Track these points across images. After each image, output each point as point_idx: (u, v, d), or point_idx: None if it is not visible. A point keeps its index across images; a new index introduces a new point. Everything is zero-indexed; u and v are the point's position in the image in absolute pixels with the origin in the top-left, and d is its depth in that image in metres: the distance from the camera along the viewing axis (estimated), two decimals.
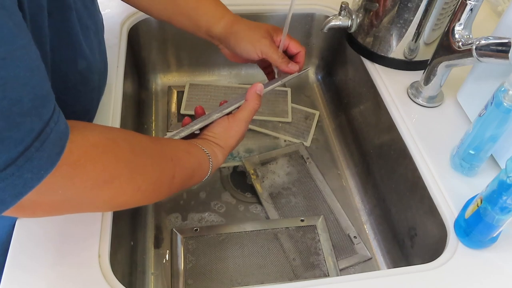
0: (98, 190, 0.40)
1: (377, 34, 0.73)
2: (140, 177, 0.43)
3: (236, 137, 0.57)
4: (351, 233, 0.72)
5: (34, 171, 0.32)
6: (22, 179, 0.32)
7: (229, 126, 0.57)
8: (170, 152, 0.49)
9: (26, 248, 0.48)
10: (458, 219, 0.55)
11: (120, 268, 0.54)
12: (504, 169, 0.45)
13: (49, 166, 0.34)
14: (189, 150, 0.52)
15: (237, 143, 0.58)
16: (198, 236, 0.67)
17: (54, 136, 0.34)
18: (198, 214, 0.72)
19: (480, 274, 0.51)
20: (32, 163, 0.32)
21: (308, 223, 0.71)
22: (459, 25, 0.60)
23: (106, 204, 0.44)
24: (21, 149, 0.31)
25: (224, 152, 0.56)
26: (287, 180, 0.78)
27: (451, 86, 0.70)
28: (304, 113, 0.90)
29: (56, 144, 0.34)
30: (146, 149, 0.46)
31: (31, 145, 0.32)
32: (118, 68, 0.70)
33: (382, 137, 0.74)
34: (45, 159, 0.33)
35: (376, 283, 0.49)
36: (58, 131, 0.34)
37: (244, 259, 0.66)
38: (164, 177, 0.47)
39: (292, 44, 0.65)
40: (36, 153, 0.32)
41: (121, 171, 0.41)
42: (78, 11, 0.47)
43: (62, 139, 0.35)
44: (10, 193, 0.32)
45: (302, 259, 0.67)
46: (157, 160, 0.46)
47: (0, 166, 0.30)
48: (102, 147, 0.40)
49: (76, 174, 0.37)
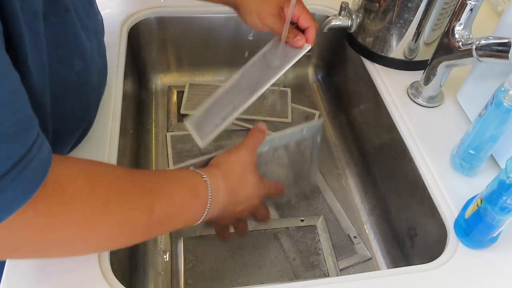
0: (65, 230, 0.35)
1: (377, 34, 0.73)
2: (102, 218, 0.37)
3: (238, 164, 0.52)
4: (351, 233, 0.72)
5: (5, 202, 0.30)
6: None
7: (229, 152, 0.53)
8: (149, 182, 0.42)
9: None
10: (458, 219, 0.55)
11: (120, 268, 0.54)
12: (504, 169, 0.45)
13: (23, 199, 0.31)
14: (178, 176, 0.46)
15: (241, 171, 0.52)
16: (198, 236, 0.67)
17: (35, 164, 0.31)
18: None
19: (480, 274, 0.51)
20: (5, 193, 0.29)
21: (308, 223, 0.71)
22: (459, 25, 0.60)
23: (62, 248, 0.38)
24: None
25: (224, 176, 0.50)
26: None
27: (451, 86, 0.70)
28: (304, 113, 0.90)
29: (36, 172, 0.31)
30: (112, 183, 0.39)
31: (7, 174, 0.29)
32: (118, 68, 0.70)
33: (382, 137, 0.74)
34: (20, 190, 0.30)
35: (376, 283, 0.49)
36: (40, 159, 0.32)
37: (244, 259, 0.66)
38: (137, 215, 0.40)
39: (303, 16, 0.61)
40: (10, 183, 0.29)
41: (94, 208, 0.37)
42: (77, 12, 0.47)
43: (44, 166, 0.32)
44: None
45: (302, 259, 0.67)
46: (125, 195, 0.39)
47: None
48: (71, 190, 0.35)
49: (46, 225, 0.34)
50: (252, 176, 0.53)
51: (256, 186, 0.54)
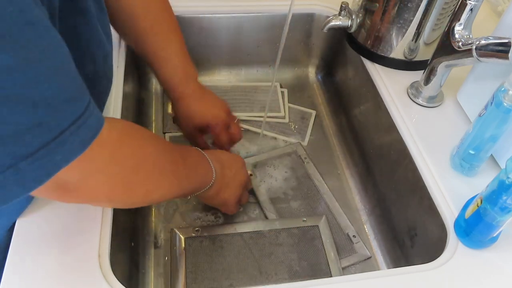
0: (134, 173, 0.43)
1: (377, 34, 0.73)
2: (161, 157, 0.48)
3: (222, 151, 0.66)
4: (350, 232, 0.71)
5: (64, 153, 0.34)
6: (53, 160, 0.33)
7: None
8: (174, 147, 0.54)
9: (26, 249, 0.48)
10: (458, 219, 0.55)
11: (120, 268, 0.54)
12: (504, 169, 0.45)
13: (79, 151, 0.35)
14: (189, 148, 0.59)
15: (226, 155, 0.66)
16: (198, 236, 0.67)
17: (91, 120, 0.35)
18: (198, 214, 0.72)
19: (480, 274, 0.51)
20: (64, 146, 0.33)
21: (310, 223, 0.70)
22: (459, 25, 0.60)
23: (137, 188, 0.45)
24: (56, 133, 0.33)
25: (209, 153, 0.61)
26: (285, 180, 0.78)
27: (451, 86, 0.70)
28: (301, 112, 0.90)
29: (91, 128, 0.36)
30: (153, 135, 0.51)
31: (67, 129, 0.33)
32: (118, 68, 0.70)
33: (382, 137, 0.74)
34: (77, 143, 0.35)
35: (376, 283, 0.49)
36: (95, 115, 0.36)
37: (245, 260, 0.66)
38: (177, 157, 0.51)
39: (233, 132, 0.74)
40: (70, 137, 0.34)
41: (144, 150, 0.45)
42: (92, 15, 0.47)
43: (98, 122, 0.37)
44: (42, 172, 0.33)
45: (304, 260, 0.67)
46: (165, 142, 0.52)
47: (35, 148, 0.32)
48: (125, 130, 0.43)
49: (114, 154, 0.40)
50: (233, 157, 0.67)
51: (240, 165, 0.67)
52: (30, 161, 0.32)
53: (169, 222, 0.71)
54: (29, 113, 0.31)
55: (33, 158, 0.32)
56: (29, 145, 0.31)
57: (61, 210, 0.52)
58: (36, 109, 0.31)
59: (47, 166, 0.33)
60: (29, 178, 0.33)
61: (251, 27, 0.88)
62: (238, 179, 0.65)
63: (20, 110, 0.30)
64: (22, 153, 0.31)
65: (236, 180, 0.65)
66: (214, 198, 0.63)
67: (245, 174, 0.67)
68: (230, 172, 0.63)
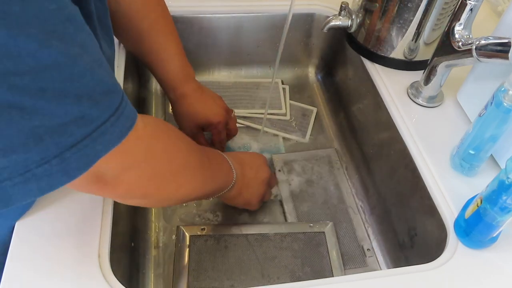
0: (167, 167, 0.45)
1: (377, 34, 0.73)
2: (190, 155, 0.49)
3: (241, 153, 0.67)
4: (365, 246, 0.71)
5: (104, 143, 0.35)
6: (94, 150, 0.35)
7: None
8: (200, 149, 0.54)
9: (26, 249, 0.48)
10: (458, 219, 0.55)
11: (120, 268, 0.54)
12: (504, 169, 0.45)
13: (118, 140, 0.36)
14: (210, 149, 0.59)
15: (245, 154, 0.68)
16: (204, 235, 0.67)
17: (127, 111, 0.37)
18: (204, 214, 0.72)
19: (480, 274, 0.51)
20: (105, 137, 0.35)
21: (316, 230, 0.70)
22: (459, 25, 0.60)
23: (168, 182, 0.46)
24: (99, 124, 0.34)
25: (228, 153, 0.61)
26: (312, 183, 0.78)
27: (451, 86, 0.70)
28: (302, 109, 0.90)
29: (128, 118, 0.37)
30: (181, 133, 0.50)
31: (108, 120, 0.35)
32: (118, 68, 0.70)
33: (382, 137, 0.74)
34: (116, 133, 0.36)
35: (376, 283, 0.49)
36: (130, 107, 0.37)
37: (248, 261, 0.65)
38: (202, 157, 0.52)
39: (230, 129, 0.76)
40: (110, 128, 0.35)
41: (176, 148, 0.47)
42: (99, 19, 0.47)
43: (134, 113, 0.38)
44: (84, 161, 0.35)
45: (308, 265, 0.66)
46: (191, 141, 0.51)
47: (79, 139, 0.33)
48: (162, 128, 0.45)
49: (150, 147, 0.42)
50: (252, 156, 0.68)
51: (260, 163, 0.67)
52: (74, 151, 0.33)
53: (169, 222, 0.71)
54: (74, 106, 0.32)
55: (76, 148, 0.33)
56: (74, 135, 0.33)
57: (61, 210, 0.52)
58: (81, 102, 0.32)
59: (89, 155, 0.35)
60: (73, 167, 0.34)
61: (251, 27, 0.88)
62: (260, 177, 0.66)
63: (66, 103, 0.31)
64: (67, 143, 0.33)
65: (258, 178, 0.65)
66: (236, 198, 0.64)
67: (267, 172, 0.67)
68: (251, 171, 0.64)
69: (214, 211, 0.72)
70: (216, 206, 0.73)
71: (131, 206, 0.66)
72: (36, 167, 0.32)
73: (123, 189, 0.42)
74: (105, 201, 0.53)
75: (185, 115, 0.71)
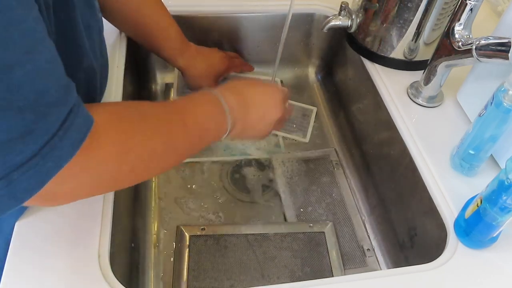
0: (117, 164, 0.40)
1: (377, 34, 0.73)
2: (152, 139, 0.43)
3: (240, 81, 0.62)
4: (365, 246, 0.71)
5: (55, 160, 0.33)
6: (45, 167, 0.32)
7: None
8: (170, 107, 0.50)
9: (26, 249, 0.48)
10: (458, 219, 0.55)
11: (120, 269, 0.54)
12: (504, 169, 0.45)
13: (70, 155, 0.34)
14: (193, 97, 0.53)
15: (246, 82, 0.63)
16: (203, 235, 0.67)
17: (77, 123, 0.34)
18: (204, 214, 0.72)
19: (480, 274, 0.51)
20: (55, 152, 0.32)
21: (316, 230, 0.70)
22: (459, 25, 0.60)
23: (127, 177, 0.43)
24: (47, 139, 0.32)
25: (234, 91, 0.56)
26: (311, 183, 0.78)
27: (451, 86, 0.70)
28: (302, 109, 0.90)
29: (79, 130, 0.35)
30: (145, 111, 0.45)
31: (56, 134, 0.32)
32: (118, 68, 0.70)
33: (382, 137, 0.74)
34: (67, 147, 0.34)
35: (376, 283, 0.49)
36: (80, 118, 0.35)
37: (248, 261, 0.65)
38: (174, 129, 0.46)
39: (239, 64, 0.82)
40: (59, 143, 0.33)
41: (133, 140, 0.41)
42: (81, 9, 0.47)
43: (86, 123, 0.35)
44: (35, 181, 0.32)
45: (307, 266, 0.66)
46: (160, 116, 0.46)
47: (28, 156, 0.31)
48: (109, 123, 0.40)
49: (93, 157, 0.37)
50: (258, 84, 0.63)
51: (273, 103, 0.61)
52: (22, 170, 0.31)
53: (169, 222, 0.71)
54: (17, 119, 0.30)
55: (26, 167, 0.31)
56: (21, 153, 0.31)
57: (61, 210, 0.52)
58: (24, 115, 0.30)
59: (40, 174, 0.32)
60: (21, 188, 0.32)
61: (251, 27, 0.88)
62: (268, 119, 0.61)
63: (8, 116, 0.29)
64: (15, 163, 0.31)
65: (265, 119, 0.60)
66: (238, 137, 0.63)
67: (277, 113, 0.61)
68: (257, 113, 0.59)
69: (214, 212, 0.72)
70: (217, 206, 0.73)
71: (131, 206, 0.66)
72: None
73: (64, 200, 0.40)
74: (105, 201, 0.53)
75: (203, 70, 0.73)
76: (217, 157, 0.80)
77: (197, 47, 0.76)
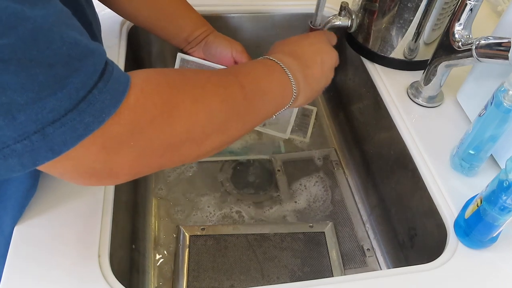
0: (168, 122, 0.37)
1: (377, 34, 0.73)
2: (204, 96, 0.40)
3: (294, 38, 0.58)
4: (365, 245, 0.71)
5: (96, 114, 0.32)
6: (83, 123, 0.31)
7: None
8: (225, 70, 0.47)
9: (26, 249, 0.48)
10: (458, 219, 0.55)
11: (120, 268, 0.54)
12: (504, 169, 0.45)
13: (112, 108, 0.33)
14: (251, 62, 0.50)
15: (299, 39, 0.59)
16: (203, 235, 0.67)
17: (117, 73, 0.33)
18: (203, 213, 0.72)
19: (480, 274, 0.51)
20: (94, 106, 0.31)
21: (316, 230, 0.70)
22: (459, 25, 0.60)
23: (185, 144, 0.39)
24: (83, 93, 0.31)
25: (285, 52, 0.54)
26: (312, 183, 0.78)
27: (451, 86, 0.70)
28: (302, 109, 0.90)
29: (120, 81, 0.33)
30: (189, 72, 0.43)
31: (94, 87, 0.31)
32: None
33: (382, 137, 0.74)
34: (108, 100, 0.32)
35: (376, 283, 0.49)
36: (119, 71, 0.33)
37: (248, 262, 0.66)
38: (232, 91, 0.43)
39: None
40: (99, 96, 0.31)
41: (182, 97, 0.38)
42: (83, 6, 0.47)
43: (125, 77, 0.34)
44: (72, 135, 0.31)
45: (307, 266, 0.66)
46: (213, 81, 0.43)
47: (61, 112, 0.30)
48: (155, 81, 0.38)
49: (140, 115, 0.35)
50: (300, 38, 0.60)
51: (325, 50, 0.59)
52: (57, 126, 0.30)
53: (169, 222, 0.71)
54: (47, 75, 0.29)
55: (60, 122, 0.30)
56: (55, 110, 0.30)
57: (61, 210, 0.52)
58: (55, 71, 0.29)
59: (77, 129, 0.31)
60: (58, 142, 0.31)
61: (251, 27, 0.88)
62: (327, 70, 0.58)
63: (37, 74, 0.29)
64: (48, 119, 0.30)
65: (324, 72, 0.58)
66: (307, 100, 0.57)
67: (332, 56, 0.59)
68: (316, 70, 0.56)
69: (214, 212, 0.72)
70: (217, 206, 0.73)
71: (131, 206, 0.66)
72: (14, 143, 0.30)
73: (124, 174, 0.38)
74: (105, 201, 0.53)
75: (225, 49, 0.68)
76: (217, 157, 0.80)
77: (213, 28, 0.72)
